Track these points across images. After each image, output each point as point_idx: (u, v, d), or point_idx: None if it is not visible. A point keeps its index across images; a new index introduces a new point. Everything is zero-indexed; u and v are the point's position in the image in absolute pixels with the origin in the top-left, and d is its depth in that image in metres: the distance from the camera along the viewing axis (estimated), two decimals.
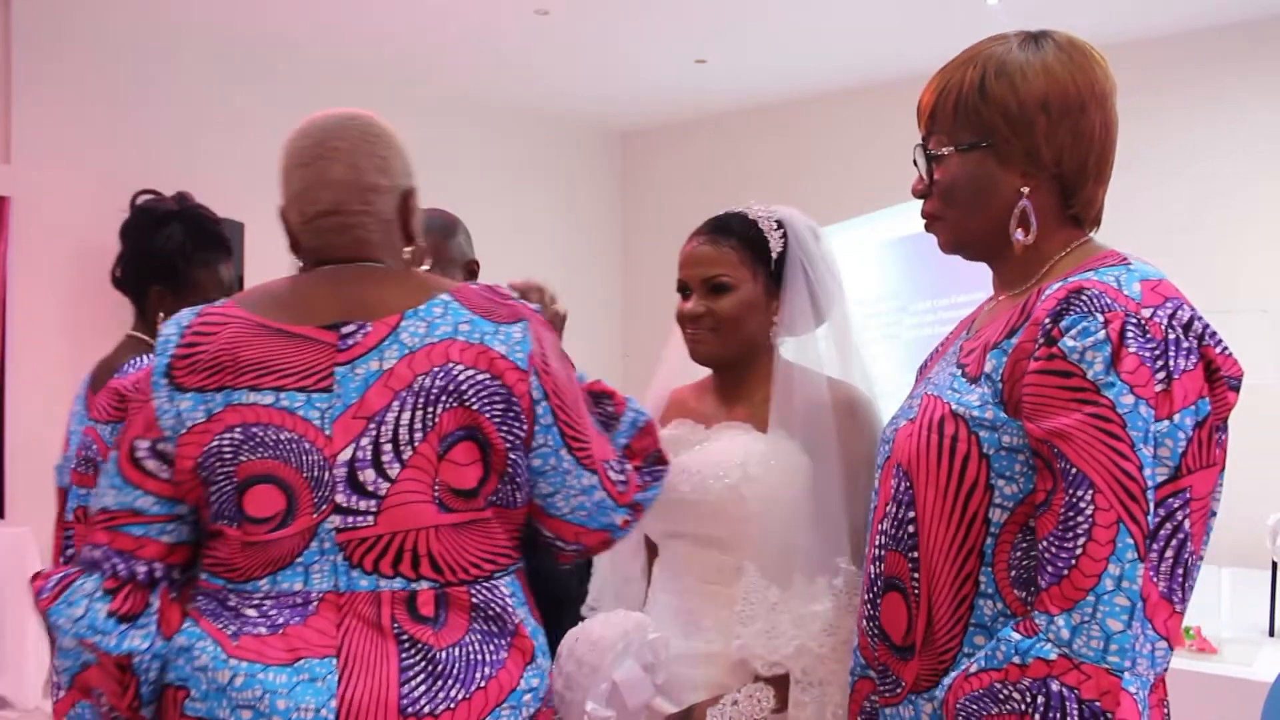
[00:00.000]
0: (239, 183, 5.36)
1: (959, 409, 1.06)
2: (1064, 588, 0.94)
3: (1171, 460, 0.96)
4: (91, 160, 4.97)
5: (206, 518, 1.22)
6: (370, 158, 1.29)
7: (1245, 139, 5.07)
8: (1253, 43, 5.06)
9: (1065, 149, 1.11)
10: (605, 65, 6.01)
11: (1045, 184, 1.12)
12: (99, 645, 1.15)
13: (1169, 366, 0.96)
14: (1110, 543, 0.93)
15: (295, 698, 1.13)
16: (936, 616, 1.07)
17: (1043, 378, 1.00)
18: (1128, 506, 0.93)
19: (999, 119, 1.10)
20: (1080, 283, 1.02)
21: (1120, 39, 5.32)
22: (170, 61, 5.23)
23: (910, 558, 1.10)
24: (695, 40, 5.52)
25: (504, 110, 6.73)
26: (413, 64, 5.92)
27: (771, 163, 6.54)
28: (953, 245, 1.19)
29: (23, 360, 4.77)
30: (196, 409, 1.19)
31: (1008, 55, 1.12)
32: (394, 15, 5.08)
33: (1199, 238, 5.11)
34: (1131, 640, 0.92)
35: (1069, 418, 0.96)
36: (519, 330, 1.23)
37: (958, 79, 1.13)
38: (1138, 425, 0.94)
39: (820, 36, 5.40)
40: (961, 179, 1.14)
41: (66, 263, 4.91)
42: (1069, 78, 1.11)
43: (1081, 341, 0.98)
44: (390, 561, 1.17)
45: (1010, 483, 1.03)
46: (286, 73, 5.66)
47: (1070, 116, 1.11)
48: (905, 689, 1.10)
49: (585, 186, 7.30)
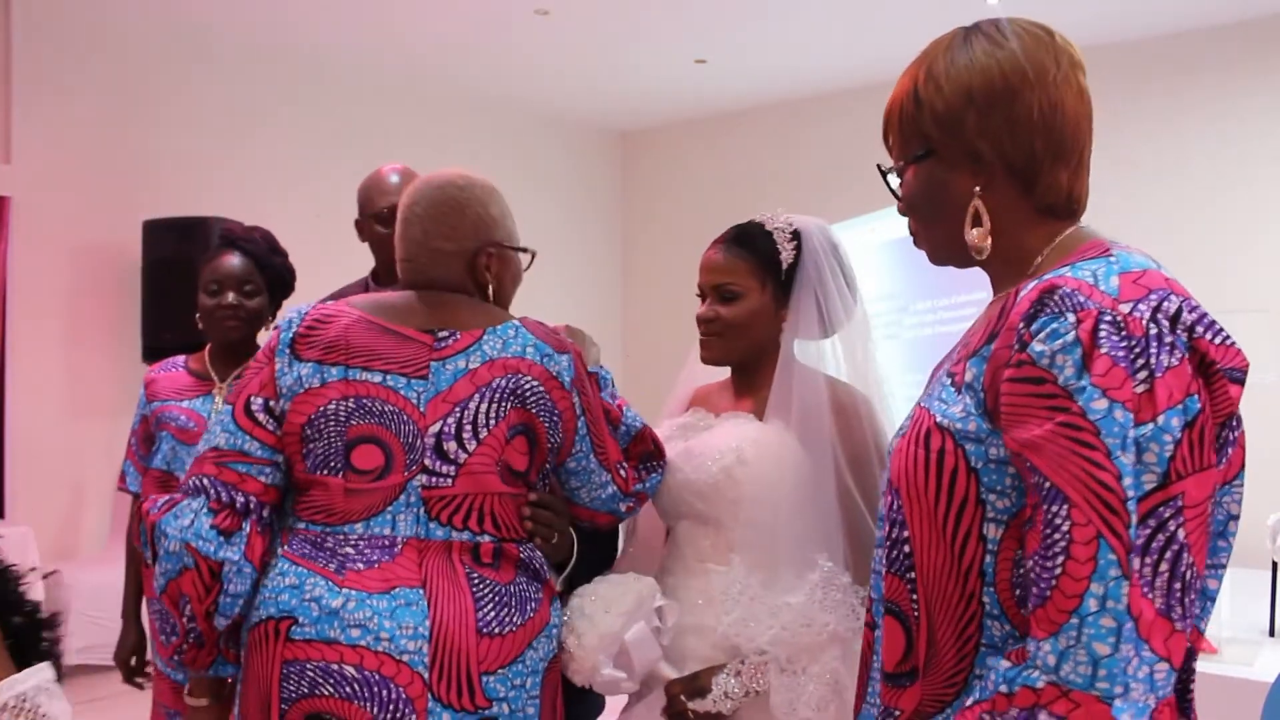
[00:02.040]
0: (238, 182, 5.37)
1: (944, 421, 1.01)
2: (1048, 610, 0.88)
3: (1159, 466, 0.88)
4: (91, 160, 4.97)
5: (303, 469, 1.48)
6: (439, 224, 1.57)
7: (1246, 139, 5.08)
8: (1254, 42, 5.06)
9: (1003, 139, 1.04)
10: (605, 65, 6.01)
11: (998, 179, 1.05)
12: (199, 549, 1.40)
13: (1150, 365, 0.89)
14: (1090, 560, 0.86)
15: (397, 618, 1.39)
16: (940, 639, 1.01)
17: (1016, 385, 0.93)
18: (1107, 520, 0.86)
19: (932, 125, 1.06)
20: (1053, 280, 0.95)
21: (1120, 39, 5.32)
22: (170, 61, 5.23)
23: (908, 579, 1.04)
24: (695, 40, 5.52)
25: (504, 110, 6.73)
26: (413, 64, 5.92)
27: (771, 163, 6.54)
28: (935, 256, 1.16)
29: (23, 360, 4.77)
30: (313, 376, 1.47)
31: (936, 58, 1.09)
32: (394, 15, 5.08)
33: (1199, 238, 5.11)
34: (1121, 664, 0.85)
35: (1040, 428, 0.90)
36: (566, 360, 1.54)
37: (898, 92, 1.11)
38: (1113, 431, 0.87)
39: (820, 36, 5.41)
40: (918, 191, 1.11)
41: (66, 263, 4.91)
42: (994, 67, 1.05)
43: (1050, 345, 0.91)
44: (462, 517, 1.46)
45: (1002, 497, 0.97)
46: (286, 73, 5.67)
47: (1000, 105, 1.04)
48: (903, 717, 1.04)
49: (585, 186, 7.31)
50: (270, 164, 5.54)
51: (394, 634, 1.38)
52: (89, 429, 4.95)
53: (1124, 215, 5.35)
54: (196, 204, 5.00)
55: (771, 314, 1.65)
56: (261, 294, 2.30)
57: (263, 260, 2.31)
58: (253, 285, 2.28)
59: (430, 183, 1.60)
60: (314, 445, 1.46)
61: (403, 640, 1.38)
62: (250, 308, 2.27)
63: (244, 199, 5.13)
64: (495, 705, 1.42)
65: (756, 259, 1.65)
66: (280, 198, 5.36)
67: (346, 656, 1.38)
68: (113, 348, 5.02)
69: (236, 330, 2.27)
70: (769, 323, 1.65)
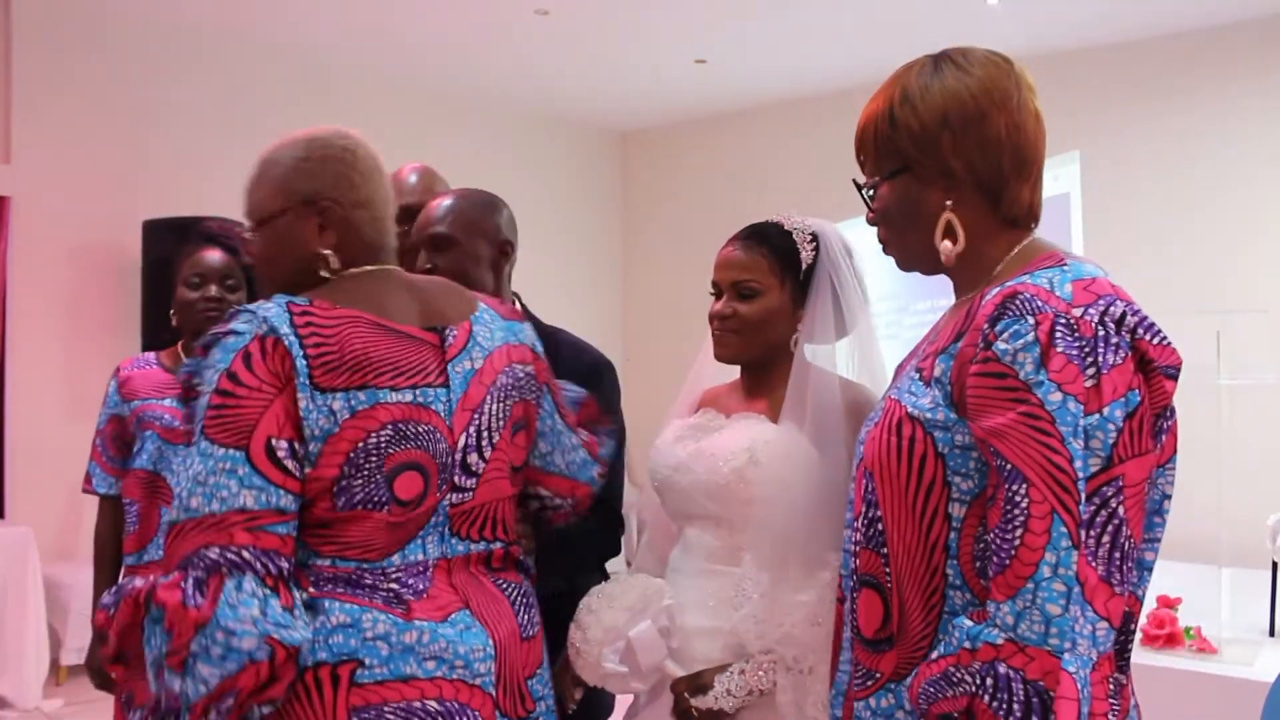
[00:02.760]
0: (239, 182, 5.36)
1: (914, 411, 1.13)
2: (1007, 576, 1.00)
3: (1103, 451, 1.00)
4: (91, 160, 4.97)
5: (329, 508, 1.28)
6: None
7: (1246, 139, 5.08)
8: (1254, 43, 5.06)
9: (975, 158, 1.16)
10: (605, 65, 6.01)
11: (968, 194, 1.17)
12: (283, 639, 1.18)
13: (1098, 362, 1.01)
14: (1045, 532, 0.99)
15: (468, 642, 1.34)
16: (909, 608, 1.13)
17: (981, 379, 1.06)
18: (1060, 498, 0.99)
19: (908, 144, 1.18)
20: (1015, 287, 1.08)
21: (1121, 39, 5.32)
22: (170, 61, 5.23)
23: (882, 554, 1.16)
24: (695, 40, 5.52)
25: (504, 110, 6.73)
26: (413, 63, 5.92)
27: (771, 163, 6.55)
28: (904, 264, 1.27)
29: (22, 360, 4.77)
30: (344, 409, 1.27)
31: (909, 82, 1.19)
32: (394, 15, 5.08)
33: (1199, 238, 5.11)
34: (1070, 623, 0.97)
35: (1003, 417, 1.03)
36: (529, 328, 1.53)
37: (871, 112, 1.22)
38: (1066, 420, 1.00)
39: (820, 36, 5.41)
40: (892, 204, 1.22)
41: (66, 263, 4.91)
42: (965, 91, 1.16)
43: (1013, 344, 1.03)
44: (478, 527, 1.41)
45: (966, 479, 1.09)
46: (286, 73, 5.67)
47: (973, 127, 1.16)
48: (883, 678, 1.16)
49: (585, 186, 7.31)
50: None
51: (468, 659, 1.33)
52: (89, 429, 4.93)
53: (1124, 215, 5.35)
54: (196, 204, 4.99)
55: (789, 313, 1.65)
56: (242, 289, 2.29)
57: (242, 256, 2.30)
58: (234, 280, 2.28)
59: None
60: (351, 483, 1.28)
61: (476, 664, 1.34)
62: (231, 301, 2.27)
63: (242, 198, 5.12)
64: (537, 706, 1.43)
65: (777, 257, 1.65)
66: None
67: (427, 692, 1.29)
68: (112, 348, 5.01)
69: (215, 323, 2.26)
70: (786, 322, 1.64)
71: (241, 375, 1.23)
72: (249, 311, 1.29)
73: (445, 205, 1.95)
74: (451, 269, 1.86)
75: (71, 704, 4.16)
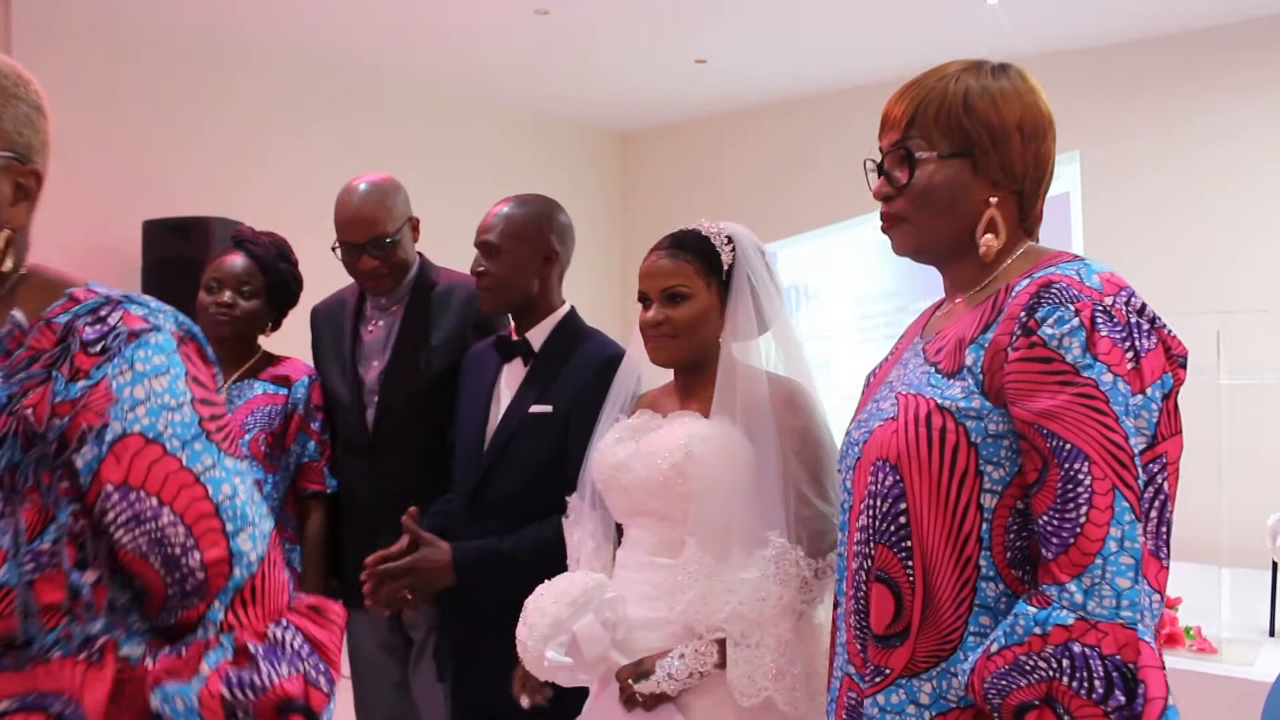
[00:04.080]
0: (239, 183, 5.37)
1: (945, 402, 1.14)
2: (1071, 555, 1.01)
3: (1148, 430, 1.06)
4: (91, 160, 4.97)
5: None
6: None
7: (1246, 138, 5.07)
8: (1254, 42, 5.06)
9: (1030, 167, 1.23)
10: (605, 65, 6.01)
11: (1009, 197, 1.23)
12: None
13: (1135, 347, 1.07)
14: (1109, 508, 1.01)
15: None
16: (939, 601, 1.13)
17: (1025, 365, 1.08)
18: (1120, 474, 1.02)
19: (983, 133, 1.21)
20: (1047, 277, 1.12)
21: (1120, 39, 5.32)
22: (170, 62, 5.23)
23: (902, 548, 1.16)
24: (695, 40, 5.52)
25: (504, 110, 6.73)
26: (413, 64, 5.92)
27: (771, 163, 6.54)
28: (914, 247, 1.28)
29: None
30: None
31: (986, 78, 1.23)
32: (394, 16, 5.08)
33: (1199, 238, 5.11)
34: (1139, 595, 1.00)
35: (1055, 399, 1.05)
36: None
37: (939, 90, 1.23)
38: (1119, 400, 1.04)
39: (820, 36, 5.41)
40: (940, 184, 1.22)
41: (66, 263, 4.87)
42: (1037, 106, 1.24)
43: (1059, 329, 1.07)
44: None
45: (998, 468, 1.11)
46: (286, 74, 5.67)
47: (1038, 139, 1.23)
48: (894, 674, 1.16)
49: (585, 186, 7.31)
50: (270, 164, 5.54)
51: None
52: None
53: (1124, 215, 5.35)
54: (196, 204, 5.00)
55: (717, 314, 1.74)
56: (259, 297, 2.30)
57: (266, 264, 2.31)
58: (251, 286, 2.28)
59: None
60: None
61: None
62: (245, 308, 2.27)
63: (244, 199, 5.13)
64: None
65: (701, 261, 1.75)
66: (280, 198, 5.36)
67: None
68: None
69: (227, 327, 2.26)
70: (714, 322, 1.74)
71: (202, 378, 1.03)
72: (146, 305, 1.08)
73: (500, 213, 2.10)
74: (499, 274, 2.06)
75: None
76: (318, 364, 2.42)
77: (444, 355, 2.26)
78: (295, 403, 2.30)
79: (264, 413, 2.26)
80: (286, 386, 2.31)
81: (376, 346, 2.33)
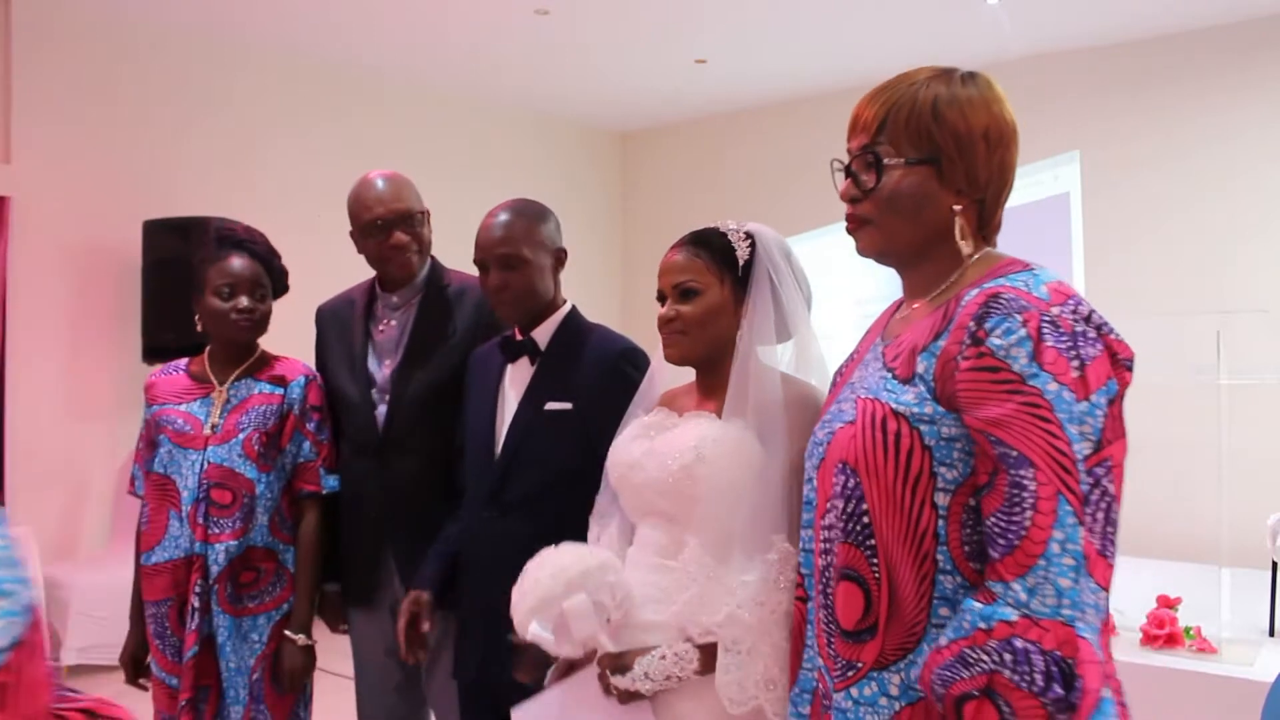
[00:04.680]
0: (239, 182, 5.37)
1: (899, 408, 1.19)
2: (1017, 556, 1.07)
3: (1094, 435, 1.08)
4: (91, 160, 4.97)
5: None
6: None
7: (1246, 138, 5.07)
8: (1254, 42, 5.06)
9: (994, 176, 1.26)
10: (605, 65, 6.01)
11: (972, 205, 1.26)
12: None
13: (1081, 355, 1.10)
14: (1053, 512, 1.06)
15: None
16: (902, 596, 1.18)
17: (975, 374, 1.13)
18: (1064, 480, 1.06)
19: (950, 141, 1.24)
20: (995, 289, 1.16)
21: (1120, 39, 5.32)
22: (170, 62, 5.23)
23: (867, 546, 1.20)
24: (695, 40, 5.52)
25: (504, 110, 6.73)
26: (413, 64, 5.92)
27: (771, 163, 6.55)
28: (878, 250, 1.31)
29: (23, 360, 4.77)
30: None
31: (955, 86, 1.26)
32: (394, 16, 5.08)
33: (1199, 238, 5.11)
34: (1080, 594, 1.05)
35: (1002, 408, 1.10)
36: None
37: (909, 96, 1.26)
38: (1063, 408, 1.08)
39: (820, 36, 5.41)
40: (906, 190, 1.26)
41: (66, 263, 4.91)
42: (1002, 116, 1.26)
43: (1006, 340, 1.11)
44: None
45: (951, 469, 1.16)
46: (286, 74, 5.67)
47: (1001, 148, 1.26)
48: (865, 667, 1.20)
49: (585, 186, 7.31)
50: (270, 164, 5.54)
51: None
52: (89, 429, 4.95)
53: (1124, 215, 5.35)
54: (196, 204, 5.00)
55: (731, 310, 1.69)
56: (270, 297, 2.30)
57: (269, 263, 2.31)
58: (264, 289, 2.28)
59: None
60: None
61: None
62: (263, 311, 2.28)
63: (244, 199, 5.13)
64: None
65: (714, 257, 1.71)
66: (280, 198, 5.36)
67: None
68: (113, 348, 5.02)
69: (248, 333, 2.27)
70: (729, 319, 1.69)
71: None
72: None
73: (506, 222, 2.08)
74: (524, 284, 2.05)
75: None
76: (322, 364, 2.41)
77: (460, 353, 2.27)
78: (291, 403, 2.30)
79: (259, 412, 2.26)
80: (283, 386, 2.31)
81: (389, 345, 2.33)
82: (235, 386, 2.29)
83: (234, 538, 2.20)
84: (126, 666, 2.31)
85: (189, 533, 2.19)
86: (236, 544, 2.20)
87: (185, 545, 2.20)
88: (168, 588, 2.21)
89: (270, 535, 2.25)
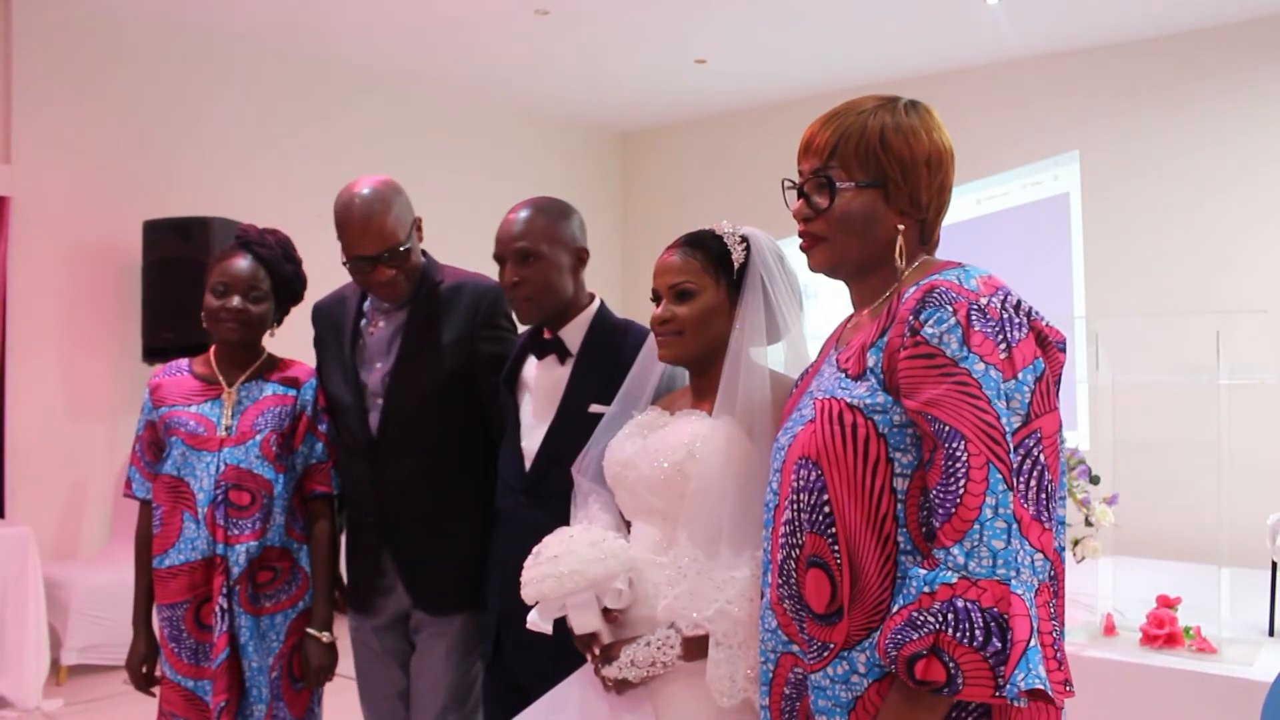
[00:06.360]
0: (239, 182, 5.37)
1: (854, 401, 1.28)
2: (954, 523, 1.16)
3: (1022, 409, 1.19)
4: (91, 160, 4.97)
5: None
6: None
7: (1246, 139, 5.07)
8: (1255, 42, 5.06)
9: (934, 198, 1.38)
10: (605, 65, 6.01)
11: (914, 224, 1.38)
12: None
13: (1008, 338, 1.21)
14: (985, 480, 1.15)
15: None
16: (865, 578, 1.26)
17: (913, 361, 1.23)
18: (993, 450, 1.16)
19: (895, 167, 1.35)
20: (931, 283, 1.27)
21: (1120, 39, 5.32)
22: (170, 61, 5.23)
23: (828, 535, 1.29)
24: (695, 40, 5.52)
25: (504, 110, 6.73)
26: (413, 64, 5.92)
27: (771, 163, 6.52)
28: (831, 264, 1.41)
29: (22, 360, 4.77)
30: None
31: (900, 116, 1.37)
32: (394, 16, 5.08)
33: (1199, 238, 5.11)
34: (1013, 554, 1.14)
35: (937, 389, 1.20)
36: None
37: (858, 124, 1.37)
38: (990, 385, 1.18)
39: (820, 37, 5.41)
40: (856, 211, 1.36)
41: (66, 263, 4.91)
42: (941, 142, 1.38)
43: (938, 328, 1.22)
44: None
45: (905, 453, 1.25)
46: (286, 74, 5.67)
47: (941, 172, 1.38)
48: (837, 648, 1.28)
49: (585, 186, 7.31)
50: (270, 163, 5.54)
51: None
52: (89, 429, 4.95)
53: (1124, 215, 5.35)
54: (196, 204, 5.01)
55: (726, 312, 1.72)
56: (267, 300, 2.29)
57: (273, 265, 2.29)
58: (259, 290, 2.27)
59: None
60: None
61: None
62: (254, 313, 2.26)
63: (244, 199, 5.13)
64: None
65: (709, 259, 1.73)
66: (280, 197, 5.36)
67: None
68: (113, 348, 5.02)
69: (235, 333, 2.26)
70: (723, 321, 1.72)
71: None
72: None
73: (526, 218, 2.09)
74: (540, 280, 2.04)
75: (71, 704, 4.16)
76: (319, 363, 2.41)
77: (454, 355, 2.24)
78: (303, 404, 2.31)
79: (274, 413, 2.27)
80: (295, 388, 2.32)
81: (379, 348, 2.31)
82: (245, 388, 2.29)
83: (254, 538, 2.21)
84: (136, 673, 2.29)
85: (207, 535, 2.19)
86: (256, 545, 2.21)
87: (203, 547, 2.20)
88: (184, 590, 2.20)
89: (285, 535, 2.27)
